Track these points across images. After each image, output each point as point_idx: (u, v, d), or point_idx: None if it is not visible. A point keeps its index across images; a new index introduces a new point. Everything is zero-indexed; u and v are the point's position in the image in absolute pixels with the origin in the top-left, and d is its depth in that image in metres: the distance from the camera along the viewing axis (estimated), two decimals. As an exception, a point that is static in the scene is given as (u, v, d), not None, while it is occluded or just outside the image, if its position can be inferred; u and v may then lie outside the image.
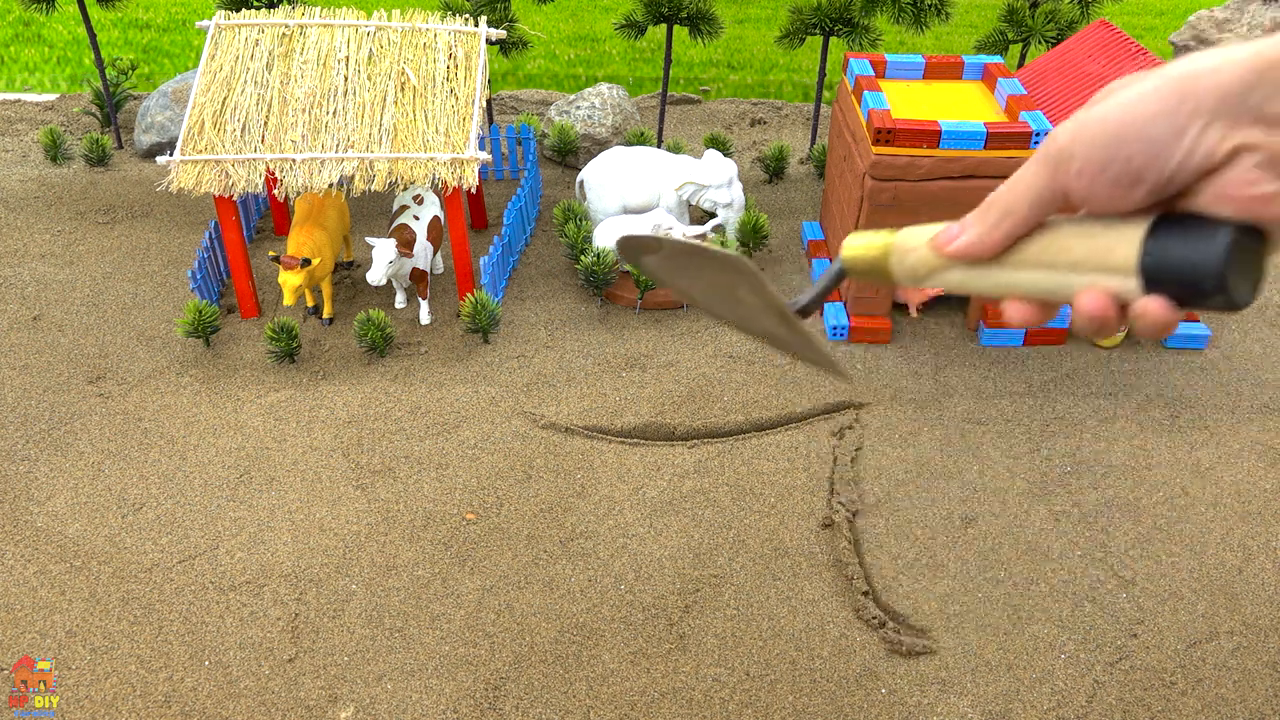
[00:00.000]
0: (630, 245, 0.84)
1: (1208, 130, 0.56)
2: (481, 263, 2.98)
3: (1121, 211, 0.62)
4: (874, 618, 2.12)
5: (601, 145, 3.92)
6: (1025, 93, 2.86)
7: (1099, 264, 0.63)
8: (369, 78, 2.89)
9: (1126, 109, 0.59)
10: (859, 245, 0.76)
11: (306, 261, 2.81)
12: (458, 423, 2.65)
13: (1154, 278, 0.61)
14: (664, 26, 3.81)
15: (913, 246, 0.72)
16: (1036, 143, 2.69)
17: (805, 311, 0.96)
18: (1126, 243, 0.62)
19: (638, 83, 5.27)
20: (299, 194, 2.85)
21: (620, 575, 2.23)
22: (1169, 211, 0.61)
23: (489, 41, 3.03)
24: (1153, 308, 0.61)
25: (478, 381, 2.80)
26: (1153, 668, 2.04)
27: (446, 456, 2.54)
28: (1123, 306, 0.62)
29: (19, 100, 4.59)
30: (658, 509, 2.38)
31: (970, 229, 0.67)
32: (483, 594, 2.18)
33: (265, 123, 2.83)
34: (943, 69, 3.10)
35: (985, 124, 2.68)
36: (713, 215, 3.34)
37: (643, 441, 2.60)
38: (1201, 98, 0.56)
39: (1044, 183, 0.63)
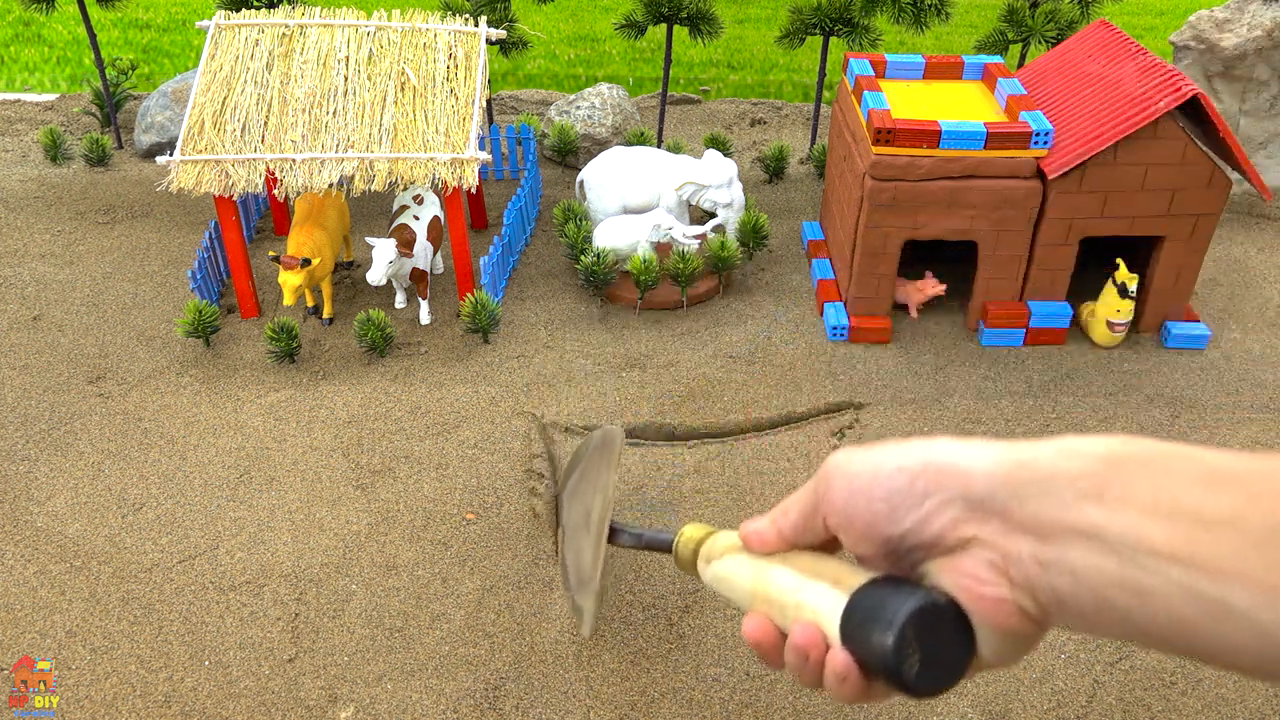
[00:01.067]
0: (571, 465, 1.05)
1: (945, 507, 0.57)
2: (481, 263, 2.98)
3: (863, 555, 0.65)
4: (874, 618, 2.12)
5: (601, 145, 3.92)
6: (1025, 93, 2.86)
7: (833, 579, 0.66)
8: (369, 78, 2.89)
9: (882, 460, 0.62)
10: (686, 536, 0.87)
11: (306, 261, 2.81)
12: (458, 423, 2.65)
13: (844, 631, 0.62)
14: (664, 26, 3.81)
15: (720, 539, 0.82)
16: (1037, 143, 2.69)
17: (614, 534, 1.14)
18: (854, 578, 0.64)
19: (638, 83, 5.27)
20: (299, 194, 2.85)
21: (620, 575, 2.23)
22: (902, 577, 0.62)
23: (489, 41, 3.03)
24: (837, 659, 0.62)
25: (478, 381, 2.80)
26: (1153, 668, 2.04)
27: (446, 456, 2.54)
28: (829, 648, 0.64)
29: (19, 100, 4.59)
30: (658, 509, 2.38)
31: (764, 519, 0.74)
32: (483, 594, 2.18)
33: (265, 123, 2.83)
34: (943, 69, 3.10)
35: (985, 124, 2.68)
36: (713, 215, 3.34)
37: (643, 441, 2.60)
38: (947, 476, 0.58)
39: (810, 494, 0.68)
